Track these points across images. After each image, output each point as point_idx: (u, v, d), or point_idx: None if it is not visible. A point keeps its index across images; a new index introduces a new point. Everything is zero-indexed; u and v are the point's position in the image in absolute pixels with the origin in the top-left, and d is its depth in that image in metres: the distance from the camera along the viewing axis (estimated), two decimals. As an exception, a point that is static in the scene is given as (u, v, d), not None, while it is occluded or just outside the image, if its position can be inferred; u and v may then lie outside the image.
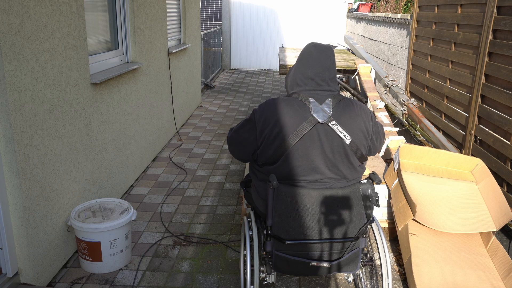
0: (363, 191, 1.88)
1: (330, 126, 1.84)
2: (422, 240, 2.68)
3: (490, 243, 2.66)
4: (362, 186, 1.89)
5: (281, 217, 1.87)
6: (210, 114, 6.68)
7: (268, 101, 1.93)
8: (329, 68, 1.93)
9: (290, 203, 1.85)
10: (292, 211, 1.86)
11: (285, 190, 1.85)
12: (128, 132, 3.76)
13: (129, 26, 3.85)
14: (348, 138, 1.84)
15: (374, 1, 13.00)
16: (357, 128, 1.88)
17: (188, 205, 3.61)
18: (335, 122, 1.84)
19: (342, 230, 1.89)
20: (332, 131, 1.84)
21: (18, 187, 2.22)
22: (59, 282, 2.56)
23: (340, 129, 1.84)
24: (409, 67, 5.45)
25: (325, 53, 1.93)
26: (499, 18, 3.37)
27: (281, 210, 1.86)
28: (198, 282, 2.60)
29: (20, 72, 2.18)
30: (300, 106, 1.86)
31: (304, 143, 1.83)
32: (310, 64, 1.92)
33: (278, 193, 1.85)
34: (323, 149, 1.84)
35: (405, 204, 2.81)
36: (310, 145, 1.83)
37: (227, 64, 11.59)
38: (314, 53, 1.93)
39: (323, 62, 1.92)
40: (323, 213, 1.85)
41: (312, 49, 1.95)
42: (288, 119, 1.84)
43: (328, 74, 1.92)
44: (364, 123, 1.92)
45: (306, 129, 1.82)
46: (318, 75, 1.91)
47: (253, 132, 1.92)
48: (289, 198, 1.85)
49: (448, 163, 3.12)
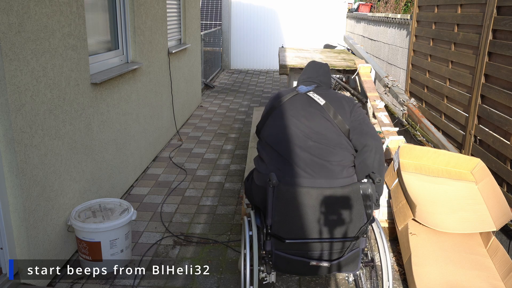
0: (363, 191, 1.89)
1: (308, 94, 2.20)
2: (422, 240, 2.68)
3: (490, 243, 2.66)
4: (363, 186, 1.90)
5: (281, 216, 1.88)
6: (210, 114, 6.68)
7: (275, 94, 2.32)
8: (322, 74, 2.35)
9: (290, 202, 1.86)
10: (292, 210, 1.87)
11: (285, 189, 1.87)
12: (128, 132, 3.76)
13: (129, 26, 3.85)
14: (322, 100, 2.13)
15: (374, 1, 13.00)
16: (335, 100, 2.16)
17: (188, 205, 3.62)
18: (313, 92, 2.21)
19: (342, 230, 1.89)
20: (308, 97, 2.18)
21: (18, 187, 2.22)
22: (59, 282, 2.56)
23: (317, 96, 2.17)
24: (409, 67, 5.45)
25: (319, 65, 2.41)
26: (499, 18, 3.37)
27: (281, 209, 1.88)
28: (198, 282, 2.60)
29: (20, 72, 2.18)
30: (292, 90, 2.28)
31: (285, 107, 2.17)
32: (306, 71, 2.40)
33: (278, 191, 1.86)
34: (300, 112, 2.12)
35: (405, 204, 2.81)
36: (289, 107, 2.16)
37: (227, 64, 11.59)
38: (311, 64, 2.44)
39: (316, 69, 2.39)
40: (323, 212, 1.86)
41: (311, 63, 2.47)
42: (279, 97, 2.25)
43: (320, 79, 2.33)
44: (342, 104, 2.16)
45: (287, 98, 2.20)
46: (311, 77, 2.34)
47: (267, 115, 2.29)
48: (289, 197, 1.86)
49: (448, 163, 3.12)
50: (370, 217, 1.94)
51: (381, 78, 5.15)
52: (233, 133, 5.68)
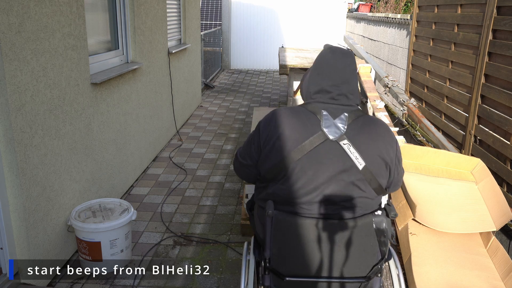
0: (377, 224, 1.58)
1: (341, 145, 1.54)
2: (422, 240, 2.68)
3: (490, 243, 2.66)
4: (376, 219, 1.58)
5: (280, 249, 1.60)
6: (210, 114, 6.68)
7: (274, 111, 1.67)
8: (348, 79, 1.64)
9: (290, 233, 1.57)
10: (293, 243, 1.58)
11: (284, 219, 1.57)
12: (128, 132, 3.76)
13: (129, 26, 3.85)
14: (361, 163, 1.54)
15: (374, 1, 13.01)
16: (375, 152, 1.57)
17: (188, 205, 3.62)
18: (348, 142, 1.54)
19: (352, 268, 1.61)
20: (343, 152, 1.54)
21: (19, 187, 2.22)
22: (59, 282, 2.56)
23: (353, 151, 1.54)
24: (409, 67, 5.45)
25: (344, 61, 1.64)
26: (499, 18, 3.37)
27: (280, 241, 1.59)
28: (198, 282, 2.60)
29: (20, 72, 2.18)
30: (309, 119, 1.58)
31: (309, 161, 1.54)
32: (325, 74, 1.64)
33: (277, 221, 1.57)
34: (330, 171, 1.54)
35: (405, 204, 2.81)
36: (316, 164, 1.54)
37: (227, 64, 11.59)
38: (330, 60, 1.65)
39: (341, 71, 1.63)
40: (329, 247, 1.57)
41: (329, 54, 1.66)
42: (293, 132, 1.56)
43: (347, 87, 1.63)
44: (386, 147, 1.60)
45: (312, 145, 1.54)
46: (335, 87, 1.62)
47: (258, 150, 1.68)
48: (289, 228, 1.57)
49: (448, 163, 3.12)
50: (385, 254, 1.64)
51: (381, 78, 5.15)
52: (233, 133, 5.68)
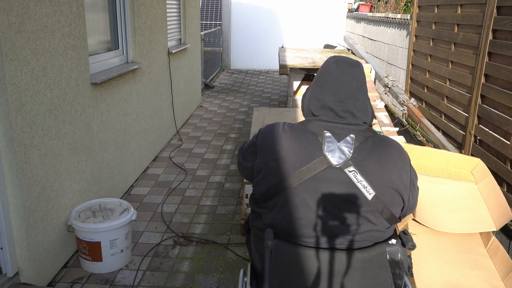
0: (391, 255, 1.38)
1: (346, 173, 1.34)
2: (422, 240, 2.68)
3: (490, 243, 2.66)
4: (390, 249, 1.38)
5: (281, 282, 1.41)
6: (210, 114, 6.68)
7: (272, 125, 1.48)
8: (355, 93, 1.41)
9: (292, 265, 1.38)
10: (296, 276, 1.39)
11: (285, 248, 1.38)
12: (128, 132, 3.76)
13: (129, 26, 3.86)
14: (371, 192, 1.35)
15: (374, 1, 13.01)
16: (387, 179, 1.37)
17: (188, 205, 3.62)
18: (354, 169, 1.34)
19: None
20: (349, 180, 1.34)
21: (18, 187, 2.22)
22: (59, 282, 2.56)
23: (360, 179, 1.34)
24: (409, 67, 5.45)
25: (350, 72, 1.42)
26: (499, 18, 3.37)
27: (281, 273, 1.40)
28: (198, 282, 2.60)
29: (20, 72, 2.18)
30: (310, 141, 1.38)
31: (307, 190, 1.35)
32: (328, 87, 1.43)
33: (277, 251, 1.38)
34: (332, 202, 1.36)
35: (405, 204, 2.80)
36: (316, 193, 1.35)
37: (227, 64, 11.59)
38: (334, 71, 1.43)
39: (346, 85, 1.41)
40: (337, 281, 1.38)
41: (333, 65, 1.45)
42: (289, 154, 1.37)
43: (353, 102, 1.41)
44: (399, 172, 1.40)
45: (312, 171, 1.34)
46: (339, 104, 1.41)
47: (253, 157, 1.50)
48: (290, 259, 1.38)
49: (448, 163, 3.12)
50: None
51: (381, 78, 5.15)
52: (233, 133, 5.69)
